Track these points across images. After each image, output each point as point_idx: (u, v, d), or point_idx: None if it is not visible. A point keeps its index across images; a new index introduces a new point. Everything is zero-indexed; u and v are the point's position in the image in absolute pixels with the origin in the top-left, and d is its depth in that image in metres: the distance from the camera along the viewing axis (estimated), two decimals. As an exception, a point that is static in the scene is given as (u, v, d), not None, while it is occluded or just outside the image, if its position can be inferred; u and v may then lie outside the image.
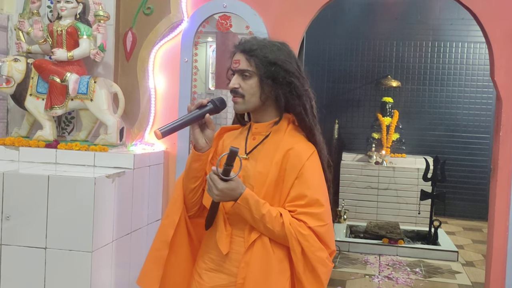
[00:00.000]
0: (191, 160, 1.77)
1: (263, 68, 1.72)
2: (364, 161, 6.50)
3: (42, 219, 2.42)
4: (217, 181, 1.61)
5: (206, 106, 1.72)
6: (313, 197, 1.65)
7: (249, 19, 3.11)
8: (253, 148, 1.79)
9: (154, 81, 3.23)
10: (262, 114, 1.80)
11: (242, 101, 1.75)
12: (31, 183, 2.45)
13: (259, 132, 1.80)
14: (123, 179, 2.68)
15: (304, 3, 3.11)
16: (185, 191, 1.81)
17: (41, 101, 2.96)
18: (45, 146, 2.88)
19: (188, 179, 1.80)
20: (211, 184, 1.63)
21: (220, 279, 1.75)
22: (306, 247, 1.62)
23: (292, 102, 1.75)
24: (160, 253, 1.81)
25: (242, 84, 1.75)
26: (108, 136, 2.94)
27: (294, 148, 1.71)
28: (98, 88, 2.93)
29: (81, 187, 2.41)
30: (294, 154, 1.70)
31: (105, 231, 2.53)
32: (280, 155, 1.71)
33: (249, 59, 1.73)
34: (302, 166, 1.68)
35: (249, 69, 1.73)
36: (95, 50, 2.92)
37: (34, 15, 3.00)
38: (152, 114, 3.23)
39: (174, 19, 3.17)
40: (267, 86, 1.73)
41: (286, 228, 1.62)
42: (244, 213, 1.66)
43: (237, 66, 1.75)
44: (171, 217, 1.83)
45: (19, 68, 2.96)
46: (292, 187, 1.68)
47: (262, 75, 1.72)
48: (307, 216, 1.64)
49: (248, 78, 1.74)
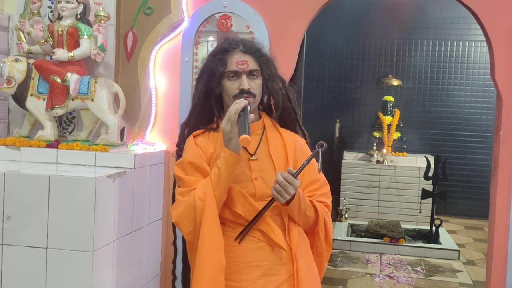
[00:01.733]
0: (232, 168, 1.69)
1: (265, 67, 1.81)
2: (365, 160, 6.51)
3: (43, 219, 2.43)
4: (295, 180, 1.67)
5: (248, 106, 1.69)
6: (323, 179, 1.88)
7: (250, 18, 3.11)
8: (257, 148, 1.83)
9: (155, 81, 3.23)
10: (254, 113, 1.84)
11: (253, 101, 1.79)
12: (32, 183, 2.45)
13: (252, 132, 1.79)
14: (124, 178, 2.69)
15: (305, 2, 3.11)
16: (219, 205, 1.72)
17: (42, 101, 2.97)
18: (46, 146, 2.89)
19: (225, 189, 1.72)
20: (287, 185, 1.65)
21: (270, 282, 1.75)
22: (327, 222, 1.84)
23: (283, 98, 1.87)
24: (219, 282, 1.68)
25: (251, 84, 1.79)
26: (109, 136, 2.94)
27: (298, 141, 1.89)
28: (99, 88, 2.93)
29: (82, 187, 2.41)
30: (299, 146, 1.88)
31: (106, 231, 2.54)
32: (291, 149, 1.84)
33: (257, 59, 1.79)
34: (307, 156, 1.83)
35: (258, 69, 1.80)
36: (95, 50, 2.93)
37: (35, 16, 3.00)
38: (153, 114, 3.23)
39: (175, 19, 3.18)
40: (271, 85, 1.82)
41: (319, 211, 1.80)
42: (295, 207, 1.75)
43: (245, 67, 1.77)
44: (217, 240, 1.69)
45: (20, 69, 2.97)
46: (303, 176, 1.80)
47: (268, 74, 1.81)
48: (325, 196, 1.87)
49: (256, 77, 1.80)
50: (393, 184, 6.28)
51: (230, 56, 1.79)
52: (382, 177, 6.31)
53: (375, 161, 6.38)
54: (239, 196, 1.76)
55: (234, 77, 1.79)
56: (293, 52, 3.15)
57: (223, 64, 1.80)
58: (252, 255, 1.76)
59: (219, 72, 1.79)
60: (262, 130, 1.86)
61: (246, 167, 1.79)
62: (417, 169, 6.22)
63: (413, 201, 6.18)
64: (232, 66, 1.79)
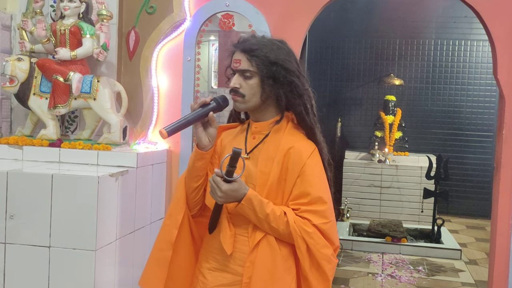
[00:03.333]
0: (194, 158, 1.78)
1: (264, 68, 1.72)
2: (367, 159, 6.50)
3: (46, 218, 2.43)
4: (220, 183, 1.62)
5: (209, 105, 1.73)
6: (316, 194, 1.67)
7: (252, 17, 3.11)
8: (253, 148, 1.79)
9: (157, 80, 3.24)
10: (262, 113, 1.80)
11: (242, 100, 1.76)
12: (35, 182, 2.46)
13: (259, 131, 1.81)
14: (126, 177, 2.69)
15: (307, 1, 3.11)
16: (188, 190, 1.81)
17: (44, 100, 2.97)
18: (49, 145, 2.89)
19: (191, 178, 1.80)
20: (214, 186, 1.64)
21: (225, 278, 1.75)
22: (311, 244, 1.64)
23: (292, 101, 1.76)
24: (164, 254, 1.81)
25: (243, 84, 1.75)
26: (111, 135, 2.94)
27: (295, 147, 1.72)
28: (101, 87, 2.94)
29: (85, 186, 2.41)
30: (295, 152, 1.71)
31: (108, 230, 2.54)
32: (281, 154, 1.72)
33: (250, 59, 1.73)
34: (304, 165, 1.69)
35: (250, 69, 1.73)
36: (98, 49, 2.93)
37: (37, 15, 3.01)
38: (155, 113, 3.23)
39: (177, 18, 3.18)
40: (268, 86, 1.73)
41: (291, 227, 1.63)
42: (248, 214, 1.68)
43: (238, 66, 1.75)
44: (174, 216, 1.82)
45: (23, 68, 2.97)
46: (294, 185, 1.70)
47: (263, 75, 1.72)
48: (311, 214, 1.65)
49: (249, 78, 1.74)
50: (395, 184, 6.27)
51: (233, 55, 1.80)
52: (384, 176, 6.31)
53: (377, 160, 6.37)
54: None
55: (232, 75, 1.79)
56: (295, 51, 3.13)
57: (230, 61, 1.81)
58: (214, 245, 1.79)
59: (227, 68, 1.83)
60: (268, 131, 1.80)
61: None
62: (419, 169, 6.21)
63: (415, 201, 6.17)
64: (232, 64, 1.80)
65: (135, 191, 2.81)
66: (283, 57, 1.75)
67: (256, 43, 1.76)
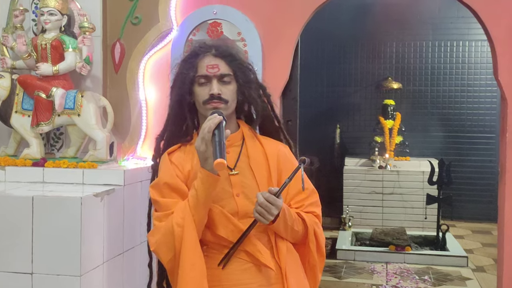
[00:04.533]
0: (210, 189, 1.57)
1: (241, 72, 1.69)
2: (367, 165, 6.37)
3: (27, 242, 2.30)
4: (277, 200, 1.55)
5: (222, 122, 1.57)
6: (310, 187, 1.76)
7: (241, 25, 3.00)
8: (237, 161, 1.70)
9: (145, 93, 3.12)
10: (230, 124, 1.71)
11: (224, 107, 1.66)
12: (15, 205, 2.33)
13: (231, 144, 1.71)
14: (113, 196, 2.56)
15: (297, 6, 3.00)
16: (199, 228, 1.61)
17: (27, 118, 2.85)
18: (32, 165, 2.77)
19: (204, 213, 1.60)
20: (269, 206, 1.53)
21: None
22: (318, 233, 1.72)
23: (263, 106, 1.76)
24: None
25: (222, 89, 1.66)
26: (97, 152, 2.82)
27: (281, 150, 1.77)
28: (85, 103, 2.82)
29: (67, 208, 2.28)
30: (282, 155, 1.76)
31: (94, 253, 2.41)
32: (273, 159, 1.72)
33: (230, 63, 1.66)
34: (292, 164, 1.72)
35: (230, 74, 1.67)
36: (80, 63, 2.81)
37: (18, 29, 2.88)
38: (144, 127, 3.11)
39: (163, 28, 3.07)
40: (247, 91, 1.70)
41: (308, 224, 1.67)
42: (281, 224, 1.63)
43: (216, 72, 1.65)
44: (198, 267, 1.57)
45: (3, 85, 2.86)
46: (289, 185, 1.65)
47: (241, 80, 1.68)
48: (313, 206, 1.74)
49: (228, 83, 1.67)
50: (396, 190, 6.13)
51: (200, 60, 1.68)
52: (385, 182, 6.17)
53: (377, 166, 6.24)
54: (220, 217, 1.64)
55: (205, 82, 1.67)
56: (287, 57, 3.03)
57: (194, 68, 1.68)
58: (237, 278, 1.63)
59: (190, 77, 1.68)
60: (241, 141, 1.74)
61: (226, 183, 1.67)
62: (421, 174, 6.08)
63: (418, 207, 6.03)
64: (202, 70, 1.67)
65: (123, 210, 2.68)
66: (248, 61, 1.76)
67: (231, 47, 1.72)
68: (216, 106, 1.64)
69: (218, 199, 1.64)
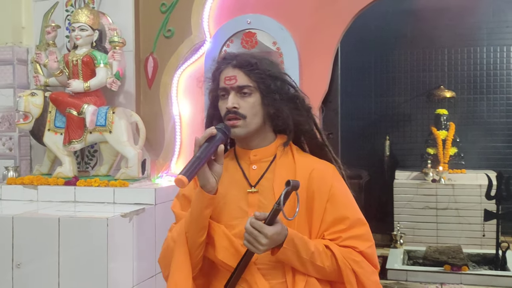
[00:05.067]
0: (201, 206, 1.45)
1: (265, 83, 1.51)
2: (419, 179, 6.03)
3: (54, 265, 2.22)
4: (264, 228, 1.35)
5: (215, 137, 1.44)
6: (354, 217, 1.51)
7: (276, 34, 2.85)
8: (260, 178, 1.53)
9: (179, 108, 3.02)
10: (261, 138, 1.56)
11: (243, 124, 1.50)
12: (42, 225, 2.26)
13: (259, 160, 1.55)
14: (143, 216, 2.46)
15: (335, 12, 2.82)
16: (191, 248, 1.48)
17: (59, 136, 2.80)
18: (64, 184, 2.71)
19: (196, 231, 1.47)
20: (255, 234, 1.35)
21: None
22: (361, 274, 1.46)
23: (299, 119, 1.55)
24: None
25: (241, 103, 1.50)
26: (129, 169, 2.73)
27: (316, 168, 1.54)
28: (117, 119, 2.74)
29: (94, 229, 2.19)
30: (318, 175, 1.52)
31: (123, 276, 2.30)
32: (303, 179, 1.48)
33: (249, 74, 1.50)
34: (331, 186, 1.52)
35: (250, 85, 1.50)
36: (111, 78, 2.74)
37: (50, 46, 2.86)
38: (178, 143, 3.01)
39: (196, 40, 2.97)
40: (272, 103, 1.51)
41: (339, 260, 1.44)
42: (290, 257, 1.41)
43: (233, 83, 1.50)
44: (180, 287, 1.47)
45: (36, 103, 2.83)
46: (325, 212, 1.48)
47: (265, 91, 1.51)
48: (355, 240, 1.48)
49: (248, 95, 1.51)
50: (452, 205, 5.76)
51: (221, 73, 1.55)
52: (440, 197, 5.82)
53: (430, 180, 5.90)
54: (222, 238, 1.48)
55: (225, 96, 1.53)
56: (326, 67, 2.86)
57: (216, 81, 1.56)
58: None
59: (214, 91, 1.58)
60: (272, 157, 1.56)
61: (242, 201, 1.52)
62: (478, 187, 5.69)
63: (475, 223, 5.63)
64: (221, 83, 1.54)
65: (155, 230, 2.57)
66: (282, 71, 1.58)
67: (251, 57, 1.54)
68: (233, 123, 1.49)
69: (230, 218, 1.51)
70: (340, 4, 2.82)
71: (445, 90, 6.62)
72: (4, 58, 3.05)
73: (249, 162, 1.56)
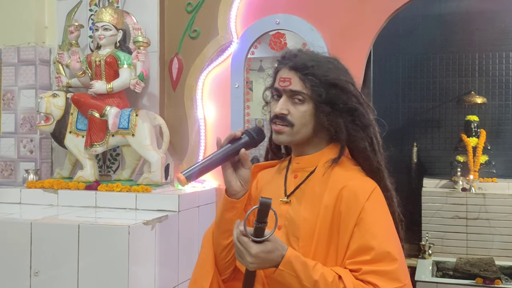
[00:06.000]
0: (223, 209, 1.40)
1: (321, 91, 1.34)
2: (448, 187, 5.82)
3: (73, 274, 2.13)
4: (247, 244, 1.20)
5: (240, 139, 1.35)
6: (382, 249, 1.25)
7: (306, 35, 2.73)
8: (295, 189, 1.40)
9: (204, 111, 2.92)
10: (311, 146, 1.41)
11: (289, 132, 1.36)
12: (61, 232, 2.17)
13: (302, 168, 1.41)
14: (166, 224, 2.35)
15: (368, 13, 2.69)
16: (216, 250, 1.43)
17: (81, 138, 2.73)
18: (85, 188, 2.63)
19: (219, 233, 1.41)
20: (241, 249, 1.21)
21: None
22: None
23: (354, 135, 1.36)
24: None
25: (292, 109, 1.35)
26: (151, 174, 2.63)
27: (349, 186, 1.32)
28: (140, 122, 2.65)
29: (114, 237, 2.10)
30: (349, 193, 1.31)
31: (145, 286, 2.20)
32: (332, 195, 1.32)
33: (304, 79, 1.34)
34: (362, 209, 1.29)
35: (304, 92, 1.34)
36: (134, 80, 2.65)
37: (73, 46, 2.78)
38: (202, 147, 2.90)
39: (223, 41, 2.86)
40: (325, 114, 1.35)
41: None
42: (290, 281, 1.23)
43: (287, 86, 1.35)
44: (199, 283, 1.44)
45: (58, 104, 2.75)
46: (351, 237, 1.28)
47: (319, 100, 1.34)
48: (377, 276, 1.23)
49: (300, 103, 1.35)
50: (482, 215, 5.54)
51: (279, 72, 1.40)
52: (470, 206, 5.60)
53: (460, 188, 5.69)
54: None
55: (277, 97, 1.39)
56: (358, 71, 2.72)
57: (273, 80, 1.43)
58: None
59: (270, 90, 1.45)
60: (313, 168, 1.41)
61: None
62: (510, 197, 5.47)
63: (507, 234, 5.39)
64: (276, 83, 1.40)
65: (178, 239, 2.46)
66: (344, 78, 1.37)
67: (310, 59, 1.37)
68: (279, 129, 1.36)
69: None
70: (373, 4, 2.69)
71: (475, 96, 6.40)
72: (26, 58, 2.98)
73: (292, 170, 1.44)
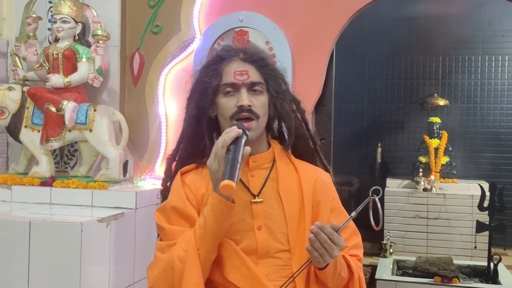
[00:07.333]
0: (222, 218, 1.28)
1: (273, 81, 1.41)
2: (410, 187, 5.93)
3: (24, 270, 2.07)
4: (340, 240, 1.28)
5: (241, 138, 1.29)
6: (352, 226, 1.48)
7: (269, 33, 2.73)
8: (262, 187, 1.40)
9: (165, 107, 2.88)
10: (259, 142, 1.42)
11: (256, 125, 1.37)
12: (12, 229, 2.11)
13: (258, 166, 1.42)
14: (122, 221, 2.31)
15: (331, 13, 2.71)
16: (205, 266, 1.31)
17: (36, 133, 2.65)
18: (40, 184, 2.56)
19: (212, 248, 1.31)
20: (332, 247, 1.25)
21: None
22: (362, 280, 1.46)
23: (297, 123, 1.46)
24: None
25: (253, 101, 1.37)
26: (109, 171, 2.59)
27: (319, 178, 1.47)
28: (98, 117, 2.60)
29: (67, 234, 2.05)
30: (321, 184, 1.46)
31: (97, 284, 2.15)
32: (309, 187, 1.41)
33: (260, 70, 1.38)
34: (333, 198, 1.48)
35: (262, 82, 1.39)
36: (93, 74, 2.59)
37: (30, 38, 2.71)
38: (163, 144, 2.87)
39: (185, 36, 2.83)
40: (279, 103, 1.41)
41: (354, 270, 1.41)
42: (331, 271, 1.33)
43: (245, 79, 1.36)
44: None
45: (14, 98, 2.68)
46: (328, 222, 1.37)
47: (274, 90, 1.40)
48: (357, 248, 1.48)
49: (259, 93, 1.38)
50: (443, 215, 5.65)
51: (226, 66, 1.39)
52: (431, 206, 5.71)
53: (421, 188, 5.80)
54: (231, 255, 1.33)
55: (231, 92, 1.38)
56: (320, 70, 2.74)
57: (218, 76, 1.39)
58: None
59: (213, 86, 1.38)
60: (271, 164, 1.43)
61: (246, 213, 1.37)
62: (470, 197, 5.60)
63: (466, 234, 5.53)
64: (228, 77, 1.38)
65: (134, 237, 2.43)
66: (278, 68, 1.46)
67: (259, 51, 1.43)
68: (249, 125, 1.35)
69: (233, 232, 1.35)
70: (336, 4, 2.71)
71: (438, 98, 6.53)
72: (-18, 49, 2.90)
73: (247, 170, 1.42)
